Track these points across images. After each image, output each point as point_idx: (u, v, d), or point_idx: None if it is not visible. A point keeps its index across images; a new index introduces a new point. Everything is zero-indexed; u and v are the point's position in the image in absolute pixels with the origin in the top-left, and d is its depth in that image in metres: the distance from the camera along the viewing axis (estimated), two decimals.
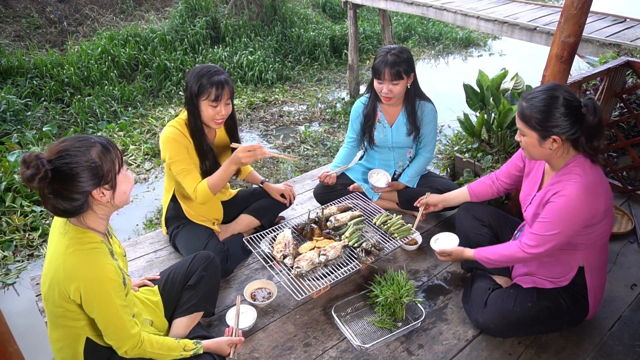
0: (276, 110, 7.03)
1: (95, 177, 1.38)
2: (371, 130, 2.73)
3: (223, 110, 2.17)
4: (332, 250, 2.17)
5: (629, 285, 2.30)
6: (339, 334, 2.03)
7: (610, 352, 1.94)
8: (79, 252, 1.40)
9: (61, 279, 1.39)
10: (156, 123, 6.31)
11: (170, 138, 2.17)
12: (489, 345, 1.99)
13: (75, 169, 1.34)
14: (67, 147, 1.36)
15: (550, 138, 1.71)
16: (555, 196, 1.75)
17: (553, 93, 1.69)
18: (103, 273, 1.41)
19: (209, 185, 2.18)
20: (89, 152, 1.37)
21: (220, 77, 2.11)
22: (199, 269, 1.95)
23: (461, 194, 2.39)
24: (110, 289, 1.42)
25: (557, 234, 1.74)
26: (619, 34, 4.81)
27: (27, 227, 4.15)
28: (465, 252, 2.09)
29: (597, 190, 1.70)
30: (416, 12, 6.49)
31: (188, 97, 2.15)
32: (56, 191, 1.35)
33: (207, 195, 2.18)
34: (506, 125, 3.14)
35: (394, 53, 2.43)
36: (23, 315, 3.29)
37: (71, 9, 8.90)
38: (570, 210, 1.70)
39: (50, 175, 1.31)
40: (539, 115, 1.69)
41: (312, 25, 9.64)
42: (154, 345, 1.56)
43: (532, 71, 4.36)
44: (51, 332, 1.56)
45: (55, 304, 1.45)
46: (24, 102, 6.13)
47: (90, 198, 1.41)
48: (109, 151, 1.42)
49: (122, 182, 1.47)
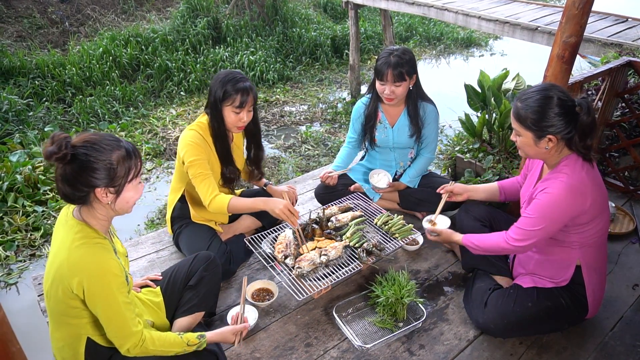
0: (277, 110, 7.03)
1: (106, 177, 1.40)
2: (372, 130, 2.72)
3: (245, 116, 2.20)
4: (333, 250, 2.17)
5: (631, 286, 2.30)
6: (340, 334, 2.03)
7: (612, 353, 1.94)
8: (85, 246, 1.42)
9: (65, 273, 1.40)
10: (157, 123, 6.32)
11: (193, 142, 2.19)
12: (490, 345, 1.99)
13: (93, 163, 1.38)
14: (95, 140, 1.41)
15: (545, 138, 1.73)
16: (540, 193, 1.79)
17: (547, 93, 1.71)
18: (107, 268, 1.42)
19: (230, 203, 2.16)
20: (111, 152, 1.41)
21: (245, 84, 2.15)
22: (199, 269, 1.95)
23: (489, 188, 2.31)
24: (114, 284, 1.43)
25: (539, 229, 1.78)
26: (621, 34, 4.81)
27: (29, 227, 4.16)
28: (454, 236, 2.13)
29: (581, 190, 1.73)
30: (417, 12, 6.49)
31: (212, 102, 2.19)
32: (67, 175, 1.39)
33: (221, 210, 2.18)
34: (507, 125, 3.14)
35: (396, 54, 2.43)
36: (25, 315, 3.30)
37: (73, 9, 8.92)
38: (552, 208, 1.75)
39: (69, 159, 1.36)
40: (534, 116, 1.71)
41: (313, 25, 9.64)
42: (156, 342, 1.55)
43: (534, 71, 4.35)
44: (53, 331, 1.56)
45: (58, 300, 1.45)
46: (26, 103, 6.14)
47: (93, 194, 1.43)
48: (130, 158, 1.45)
49: (128, 190, 1.48)
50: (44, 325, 2.12)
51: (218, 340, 1.73)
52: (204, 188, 2.18)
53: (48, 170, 4.86)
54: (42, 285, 2.30)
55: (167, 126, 6.29)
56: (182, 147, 2.21)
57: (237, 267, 2.41)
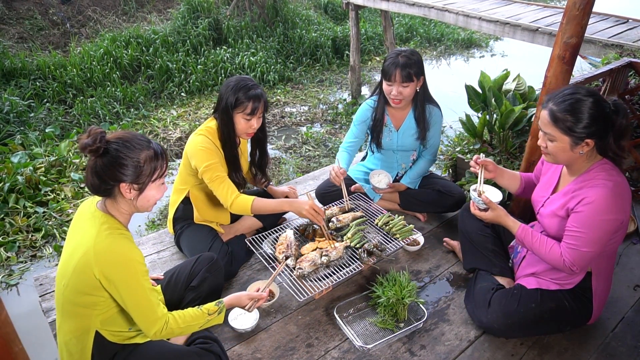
0: (278, 111, 7.04)
1: (132, 174, 1.47)
2: (379, 135, 2.70)
3: (255, 123, 2.23)
4: (334, 251, 2.17)
5: (632, 286, 2.29)
6: (341, 335, 2.03)
7: (614, 353, 1.94)
8: (111, 236, 1.47)
9: (91, 261, 1.43)
10: (158, 124, 6.33)
11: (204, 147, 2.20)
12: (491, 346, 1.99)
13: (122, 159, 1.46)
14: (128, 138, 1.49)
15: (583, 142, 1.66)
16: (580, 205, 1.69)
17: (582, 95, 1.64)
18: (133, 257, 1.48)
19: (254, 204, 2.17)
20: (141, 151, 1.49)
21: (257, 91, 2.17)
22: (202, 270, 1.96)
23: (513, 175, 2.15)
24: (139, 271, 1.48)
25: (594, 248, 1.68)
26: (622, 35, 4.81)
27: (30, 228, 4.16)
28: (507, 219, 1.92)
29: (623, 192, 1.67)
30: (418, 13, 6.49)
31: (223, 109, 2.19)
32: (97, 167, 1.46)
33: (245, 212, 2.20)
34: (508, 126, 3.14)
35: (404, 55, 2.42)
36: (26, 315, 3.30)
37: (74, 11, 8.94)
38: (601, 216, 1.64)
39: (101, 153, 1.45)
40: (572, 118, 1.63)
41: (313, 26, 9.65)
42: (179, 321, 1.59)
43: (534, 72, 4.36)
44: (61, 324, 1.57)
45: (76, 289, 1.47)
46: (27, 104, 6.15)
47: (117, 189, 1.49)
48: (157, 159, 1.53)
49: (151, 189, 1.54)
50: (46, 326, 2.13)
51: (234, 302, 1.81)
52: (223, 190, 2.19)
53: (49, 171, 4.87)
54: (44, 286, 2.31)
55: (168, 127, 6.29)
56: (194, 152, 2.22)
57: (239, 267, 2.41)
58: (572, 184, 1.78)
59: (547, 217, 1.86)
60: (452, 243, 2.55)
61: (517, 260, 2.13)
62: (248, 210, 2.18)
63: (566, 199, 1.77)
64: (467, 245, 2.29)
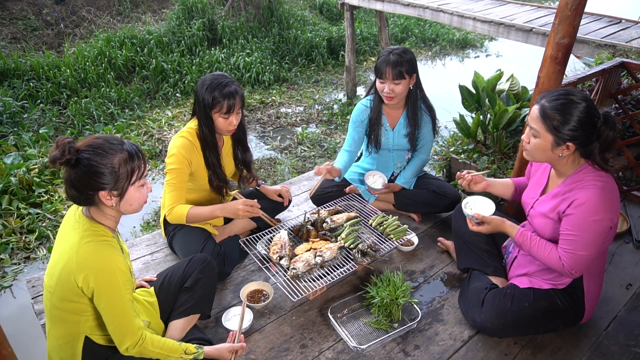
0: (273, 111, 7.03)
1: (109, 181, 1.43)
2: (378, 135, 2.69)
3: (234, 120, 2.22)
4: (329, 251, 2.17)
5: (624, 285, 2.31)
6: (335, 335, 2.03)
7: (606, 352, 1.95)
8: (93, 243, 1.44)
9: (73, 268, 1.41)
10: (153, 125, 6.31)
11: (178, 152, 2.21)
12: (485, 345, 1.99)
13: (96, 167, 1.41)
14: (99, 144, 1.43)
15: (564, 144, 1.67)
16: (571, 207, 1.69)
17: (575, 98, 1.65)
18: (114, 264, 1.45)
19: (189, 214, 2.19)
20: (114, 156, 1.43)
21: (231, 88, 2.16)
22: (195, 271, 1.95)
23: (505, 183, 2.18)
24: (121, 280, 1.46)
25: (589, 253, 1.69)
26: (615, 35, 4.84)
27: (23, 230, 4.14)
28: (506, 226, 1.92)
29: (613, 190, 1.68)
30: (413, 13, 6.51)
31: (201, 109, 2.19)
32: (72, 179, 1.42)
33: (180, 221, 2.22)
34: (502, 126, 3.15)
35: (396, 53, 2.45)
36: (18, 318, 3.28)
37: (68, 11, 8.89)
38: (593, 217, 1.65)
39: (72, 164, 1.40)
40: (560, 118, 1.64)
41: (309, 26, 9.65)
42: (155, 344, 1.56)
43: (528, 72, 4.37)
44: (50, 329, 1.56)
45: (61, 297, 1.46)
46: (21, 104, 6.12)
47: (97, 197, 1.45)
48: (133, 160, 1.47)
49: (132, 192, 1.50)
50: (39, 328, 2.12)
51: (215, 355, 1.74)
52: (171, 197, 2.22)
53: (43, 172, 4.84)
54: (36, 288, 2.30)
55: (163, 128, 6.27)
56: (168, 153, 2.24)
57: (232, 268, 2.40)
58: (561, 185, 1.79)
59: (537, 218, 1.87)
60: (446, 243, 2.56)
61: (509, 260, 2.14)
62: (183, 219, 2.20)
63: (556, 201, 1.78)
64: (461, 245, 2.30)
